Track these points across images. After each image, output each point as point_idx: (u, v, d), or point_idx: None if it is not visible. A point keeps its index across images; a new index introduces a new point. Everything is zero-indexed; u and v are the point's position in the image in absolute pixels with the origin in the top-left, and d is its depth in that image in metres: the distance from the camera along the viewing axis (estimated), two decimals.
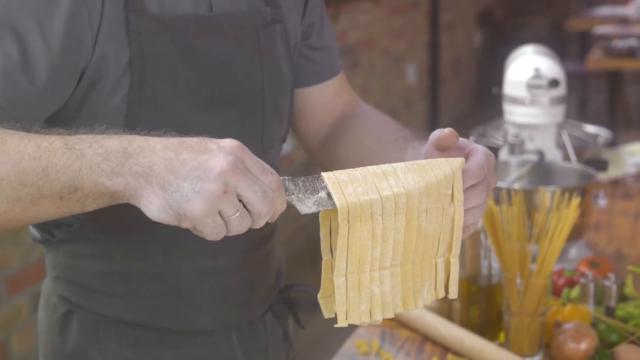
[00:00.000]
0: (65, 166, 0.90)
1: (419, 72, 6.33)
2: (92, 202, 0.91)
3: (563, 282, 1.68)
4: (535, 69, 1.85)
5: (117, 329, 1.21)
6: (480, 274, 1.52)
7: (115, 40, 1.08)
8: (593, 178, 1.84)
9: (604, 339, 1.48)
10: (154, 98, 1.11)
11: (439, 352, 1.51)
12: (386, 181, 0.95)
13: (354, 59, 5.15)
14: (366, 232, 0.93)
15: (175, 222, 0.89)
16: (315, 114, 1.35)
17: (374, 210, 0.93)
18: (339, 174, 0.95)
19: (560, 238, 1.42)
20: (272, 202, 0.90)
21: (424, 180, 0.96)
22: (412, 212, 0.95)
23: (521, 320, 1.45)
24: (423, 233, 0.97)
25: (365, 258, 0.94)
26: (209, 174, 0.87)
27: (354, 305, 0.95)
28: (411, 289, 0.99)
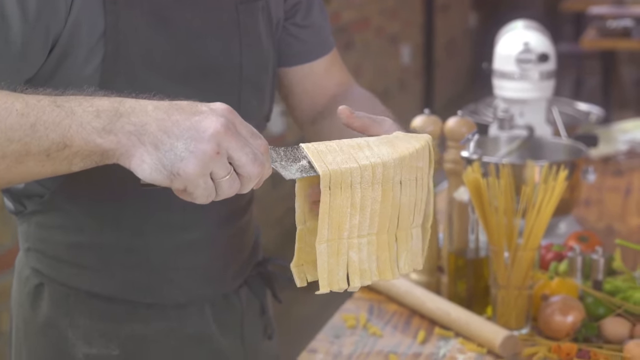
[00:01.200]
0: (55, 123, 0.89)
1: (413, 53, 6.31)
2: (79, 161, 0.91)
3: (551, 257, 1.67)
4: (525, 44, 1.84)
5: (88, 302, 1.21)
6: (467, 247, 1.52)
7: (90, 9, 1.07)
8: (582, 153, 1.83)
9: (591, 312, 1.48)
10: (127, 69, 1.10)
11: (426, 325, 1.51)
12: (362, 152, 0.97)
13: (348, 39, 5.14)
14: (346, 199, 0.96)
15: (167, 182, 0.89)
16: (306, 93, 1.34)
17: (354, 179, 0.96)
18: (317, 144, 0.97)
19: (547, 211, 1.41)
20: (262, 164, 0.91)
21: (396, 152, 0.99)
22: (387, 182, 0.98)
23: (508, 294, 1.44)
24: (398, 203, 0.99)
25: (344, 225, 0.97)
26: (203, 135, 0.87)
27: (332, 271, 0.98)
28: (387, 258, 1.01)
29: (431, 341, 1.46)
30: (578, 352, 1.38)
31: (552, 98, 2.25)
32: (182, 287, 1.25)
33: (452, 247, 1.54)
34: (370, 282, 1.00)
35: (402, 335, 1.49)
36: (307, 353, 1.44)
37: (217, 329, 1.29)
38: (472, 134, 1.47)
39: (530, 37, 1.85)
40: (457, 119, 1.59)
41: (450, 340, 1.46)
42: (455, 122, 1.58)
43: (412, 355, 1.42)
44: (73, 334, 1.21)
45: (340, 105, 1.04)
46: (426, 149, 1.03)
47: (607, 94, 5.41)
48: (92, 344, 1.21)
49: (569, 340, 1.42)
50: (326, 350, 1.44)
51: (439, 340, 1.46)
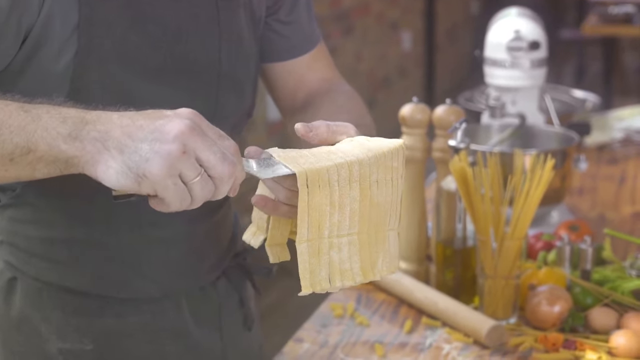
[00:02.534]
0: (20, 127, 0.89)
1: (414, 39, 6.29)
2: (43, 167, 0.90)
3: (541, 246, 1.67)
4: (516, 31, 1.82)
5: (61, 297, 1.19)
6: (455, 237, 1.51)
7: (63, 2, 1.05)
8: (574, 142, 1.82)
9: (579, 302, 1.48)
10: (100, 64, 1.08)
11: (413, 315, 1.51)
12: (335, 155, 0.97)
13: (348, 25, 5.12)
14: (325, 197, 0.95)
15: (135, 186, 0.88)
16: (288, 88, 1.32)
17: (331, 177, 0.95)
18: (288, 151, 0.96)
19: (533, 200, 1.41)
20: (232, 164, 0.90)
21: (371, 152, 0.98)
22: (365, 180, 0.97)
23: (495, 283, 1.44)
24: (376, 203, 0.99)
25: (324, 224, 0.96)
26: (167, 136, 0.87)
27: (314, 272, 0.97)
28: (368, 258, 1.01)
29: (418, 331, 1.46)
30: (564, 342, 1.38)
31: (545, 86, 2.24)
32: (156, 281, 1.23)
33: (439, 237, 1.53)
34: (353, 282, 0.99)
35: (389, 325, 1.48)
36: (293, 342, 1.43)
37: (194, 323, 1.27)
38: (459, 122, 1.46)
39: (521, 25, 1.84)
40: (445, 107, 1.58)
41: (437, 330, 1.45)
42: (443, 111, 1.57)
43: (398, 345, 1.42)
44: (46, 329, 1.20)
45: (297, 124, 1.01)
46: (400, 151, 1.02)
47: (608, 81, 5.39)
48: (66, 339, 1.20)
49: (555, 330, 1.42)
50: (312, 340, 1.44)
51: (426, 330, 1.46)
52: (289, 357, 1.39)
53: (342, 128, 1.02)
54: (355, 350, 1.40)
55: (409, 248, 1.62)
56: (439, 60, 6.72)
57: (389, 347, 1.41)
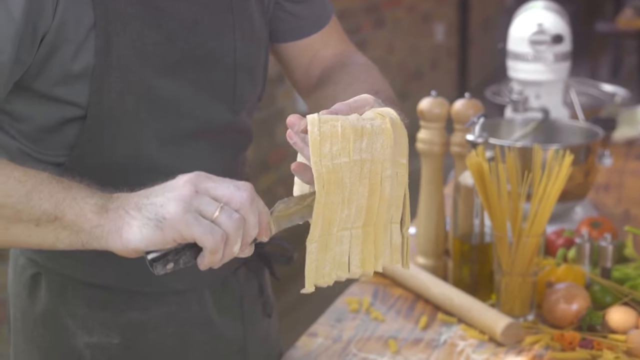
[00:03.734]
0: (50, 194, 0.93)
1: (447, 31, 6.25)
2: (66, 237, 0.94)
3: (562, 242, 1.64)
4: (539, 24, 1.79)
5: (86, 291, 1.20)
6: (472, 232, 1.49)
7: (78, 4, 1.04)
8: (598, 137, 1.79)
9: (598, 300, 1.45)
10: (120, 63, 1.08)
11: (429, 311, 1.49)
12: (359, 142, 0.96)
13: (379, 17, 5.09)
14: (338, 195, 0.96)
15: (159, 233, 0.92)
16: (303, 66, 1.32)
17: (344, 174, 0.96)
18: (324, 123, 0.95)
19: (552, 196, 1.38)
20: (249, 191, 0.93)
21: (389, 147, 0.98)
22: (375, 177, 0.98)
23: (512, 280, 1.42)
24: (383, 197, 1.00)
25: (335, 221, 0.97)
26: (176, 184, 0.93)
27: (319, 267, 0.98)
28: (372, 250, 1.01)
29: (433, 327, 1.44)
30: (581, 341, 1.35)
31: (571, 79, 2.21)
32: (179, 274, 1.23)
33: (457, 232, 1.52)
34: (348, 275, 0.99)
35: (404, 321, 1.47)
36: (306, 337, 1.43)
37: (217, 312, 1.28)
38: (477, 116, 1.44)
39: (544, 18, 1.81)
40: (464, 101, 1.56)
41: (452, 327, 1.44)
42: (462, 105, 1.55)
43: (413, 341, 1.40)
44: (72, 324, 1.20)
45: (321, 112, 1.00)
46: (406, 147, 1.02)
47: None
48: (93, 333, 1.20)
49: (573, 328, 1.39)
50: (326, 334, 1.43)
51: (441, 326, 1.44)
52: (302, 352, 1.38)
53: (361, 102, 1.02)
54: (368, 345, 1.39)
55: (427, 243, 1.60)
56: (472, 53, 6.67)
57: (403, 343, 1.40)
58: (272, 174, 4.05)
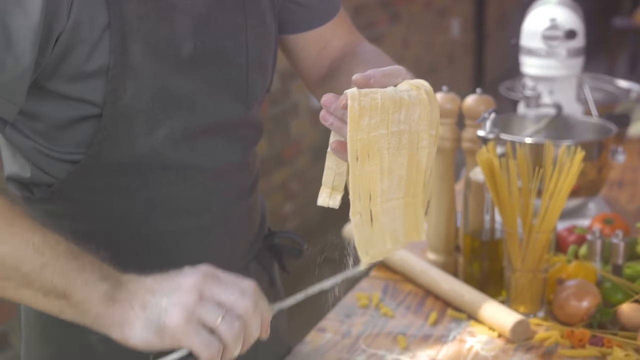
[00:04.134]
0: (63, 272, 0.96)
1: (463, 26, 6.22)
2: (70, 314, 0.97)
3: (573, 239, 1.63)
4: (552, 20, 1.78)
5: None
6: (483, 228, 1.49)
7: (91, 4, 1.04)
8: (611, 133, 1.78)
9: (609, 297, 1.44)
10: (134, 61, 1.07)
11: (439, 307, 1.49)
12: (397, 114, 0.97)
13: (394, 12, 5.08)
14: (375, 166, 0.97)
15: (157, 339, 0.95)
16: (312, 58, 1.31)
17: (381, 145, 0.97)
18: (364, 96, 0.95)
19: (562, 193, 1.38)
20: (252, 297, 0.98)
21: (425, 118, 0.99)
22: (412, 147, 0.99)
23: (522, 277, 1.41)
24: (420, 168, 1.02)
25: (376, 192, 0.98)
26: (183, 286, 0.96)
27: (369, 240, 0.99)
28: (414, 221, 1.03)
29: (443, 323, 1.44)
30: (591, 338, 1.35)
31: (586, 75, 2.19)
32: None
33: (467, 228, 1.51)
34: (400, 245, 1.02)
35: (413, 316, 1.46)
36: (315, 332, 1.42)
37: None
38: (488, 112, 1.43)
39: (557, 13, 1.79)
40: (475, 97, 1.55)
41: (462, 323, 1.43)
42: (473, 100, 1.55)
43: (422, 337, 1.40)
44: None
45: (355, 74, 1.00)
46: (438, 119, 1.03)
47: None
48: None
49: (583, 326, 1.39)
50: (335, 330, 1.43)
51: (451, 323, 1.44)
52: (310, 347, 1.38)
53: (395, 72, 1.02)
54: (377, 341, 1.39)
55: (438, 239, 1.60)
56: (489, 48, 6.64)
57: (412, 339, 1.39)
58: (286, 168, 4.05)
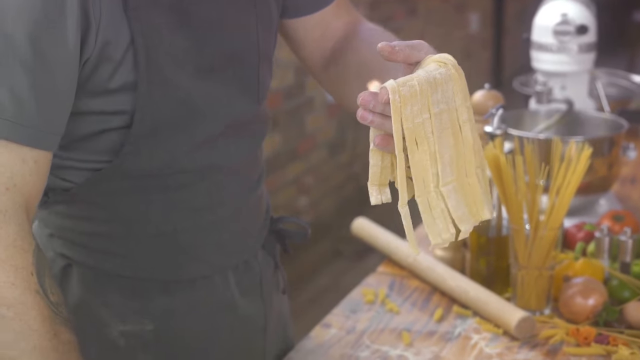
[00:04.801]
0: None
1: (482, 21, 6.19)
2: None
3: (582, 236, 1.62)
4: (563, 15, 1.76)
5: (118, 282, 1.20)
6: (490, 225, 1.48)
7: (115, 24, 1.04)
8: (622, 129, 1.76)
9: (616, 295, 1.43)
10: (158, 75, 1.07)
11: (445, 303, 1.48)
12: (435, 95, 0.96)
13: (412, 6, 5.06)
14: (424, 153, 0.95)
15: None
16: (316, 41, 1.30)
17: (426, 130, 0.95)
18: (402, 86, 0.94)
19: (569, 189, 1.37)
20: None
21: (459, 92, 0.98)
22: (454, 125, 0.98)
23: (528, 274, 1.40)
24: (468, 143, 0.99)
25: (428, 178, 0.96)
26: None
27: (430, 226, 0.97)
28: (474, 200, 1.00)
29: (448, 320, 1.43)
30: (597, 336, 1.34)
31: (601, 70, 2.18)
32: (209, 262, 1.24)
33: None
34: (470, 227, 0.98)
35: (419, 313, 1.46)
36: (320, 327, 1.42)
37: (239, 293, 1.29)
38: (495, 108, 1.43)
39: (568, 8, 1.78)
40: (483, 92, 1.54)
41: (467, 320, 1.43)
42: (481, 96, 1.54)
43: (427, 334, 1.39)
44: (106, 313, 1.20)
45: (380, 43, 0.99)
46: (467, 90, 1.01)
47: None
48: (127, 321, 1.21)
49: (589, 323, 1.38)
50: (340, 325, 1.42)
51: (456, 319, 1.43)
52: (314, 342, 1.38)
53: (418, 45, 1.01)
54: (382, 337, 1.38)
55: None
56: (507, 43, 6.61)
57: (417, 336, 1.39)
58: (301, 163, 4.05)
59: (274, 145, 3.88)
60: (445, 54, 1.00)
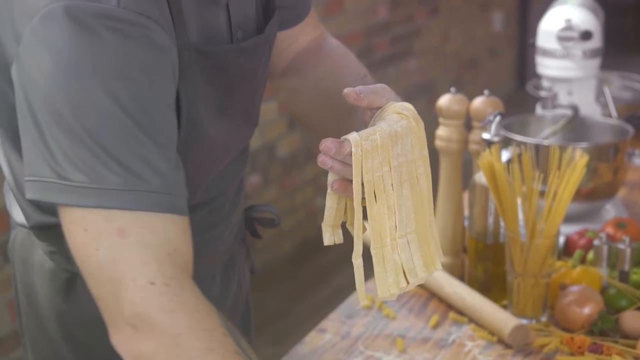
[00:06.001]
0: None
1: (506, 20, 6.16)
2: None
3: (584, 243, 1.62)
4: (567, 20, 1.75)
5: None
6: (487, 231, 1.48)
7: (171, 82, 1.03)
8: (628, 135, 1.75)
9: (613, 304, 1.42)
10: (195, 125, 1.09)
11: (442, 310, 1.48)
12: (395, 148, 0.97)
13: (433, 6, 5.04)
14: (381, 206, 0.96)
15: None
16: (281, 53, 1.31)
17: (386, 182, 0.97)
18: (365, 140, 0.95)
19: (564, 197, 1.36)
20: None
21: (418, 145, 1.00)
22: (412, 177, 0.99)
23: (524, 281, 1.40)
24: (422, 195, 1.01)
25: (385, 231, 0.97)
26: None
27: (381, 279, 0.98)
28: (428, 252, 1.02)
29: (443, 326, 1.43)
30: (591, 345, 1.33)
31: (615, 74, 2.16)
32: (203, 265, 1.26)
33: (472, 231, 1.50)
34: (421, 280, 0.99)
35: (415, 319, 1.46)
36: (315, 332, 1.43)
37: (220, 284, 1.32)
38: (493, 115, 1.42)
39: (573, 14, 1.76)
40: (483, 99, 1.54)
41: (462, 327, 1.43)
42: (481, 102, 1.53)
43: (421, 340, 1.40)
44: None
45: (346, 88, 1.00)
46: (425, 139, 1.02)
47: None
48: None
49: (584, 332, 1.37)
50: (335, 331, 1.43)
51: (452, 326, 1.43)
52: (308, 348, 1.39)
53: (382, 90, 1.03)
54: (376, 343, 1.39)
55: (445, 240, 1.59)
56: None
57: (411, 342, 1.39)
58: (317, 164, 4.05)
59: (292, 145, 3.89)
60: (406, 103, 1.02)
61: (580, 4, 1.82)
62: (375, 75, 1.23)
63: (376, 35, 4.50)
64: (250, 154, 1.34)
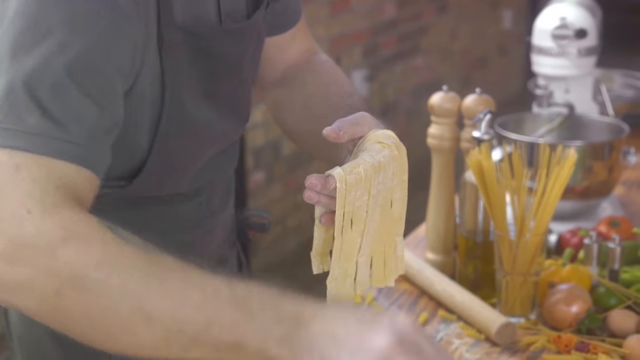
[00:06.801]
0: (231, 325, 0.85)
1: (516, 18, 6.14)
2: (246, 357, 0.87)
3: (576, 241, 1.61)
4: (562, 18, 1.75)
5: None
6: (477, 229, 1.48)
7: (150, 58, 1.04)
8: (623, 133, 1.75)
9: (602, 302, 1.42)
10: (180, 107, 1.09)
11: (431, 307, 1.48)
12: (377, 177, 1.00)
13: (442, 3, 5.04)
14: (356, 232, 1.00)
15: None
16: (269, 61, 1.32)
17: (362, 211, 1.00)
18: (349, 174, 0.97)
19: (552, 196, 1.36)
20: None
21: (398, 173, 1.02)
22: (386, 203, 1.03)
23: (513, 280, 1.40)
24: (394, 219, 1.04)
25: (354, 253, 1.01)
26: (370, 349, 0.82)
27: (339, 292, 1.02)
28: (382, 267, 1.05)
29: (432, 324, 1.44)
30: (578, 344, 1.33)
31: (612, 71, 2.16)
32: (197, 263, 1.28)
33: (462, 229, 1.50)
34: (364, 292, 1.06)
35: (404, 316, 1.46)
36: None
37: None
38: (483, 113, 1.42)
39: (568, 12, 1.76)
40: (474, 97, 1.54)
41: (451, 324, 1.43)
42: (472, 100, 1.53)
43: None
44: None
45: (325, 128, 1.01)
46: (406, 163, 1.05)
47: None
48: None
49: (572, 331, 1.37)
50: None
51: (440, 324, 1.43)
52: None
53: (362, 119, 1.05)
54: None
55: (436, 238, 1.59)
56: None
57: None
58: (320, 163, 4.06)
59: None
60: (387, 131, 1.03)
61: (576, 3, 1.82)
62: (382, 73, 1.24)
63: (383, 33, 4.50)
64: (254, 152, 1.36)
